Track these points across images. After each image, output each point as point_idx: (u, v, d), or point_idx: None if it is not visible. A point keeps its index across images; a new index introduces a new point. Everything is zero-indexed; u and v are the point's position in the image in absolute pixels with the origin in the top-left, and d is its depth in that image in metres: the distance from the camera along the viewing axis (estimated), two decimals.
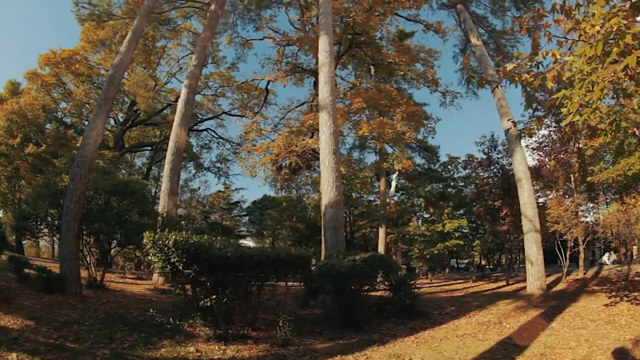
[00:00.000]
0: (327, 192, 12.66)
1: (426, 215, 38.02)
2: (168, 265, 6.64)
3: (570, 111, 4.30)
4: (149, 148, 37.59)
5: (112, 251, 13.77)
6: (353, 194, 35.16)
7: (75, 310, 8.15)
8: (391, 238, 35.62)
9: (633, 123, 8.86)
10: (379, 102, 21.31)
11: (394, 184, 29.40)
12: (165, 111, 33.43)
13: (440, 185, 35.16)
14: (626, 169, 16.20)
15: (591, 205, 20.87)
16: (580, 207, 18.95)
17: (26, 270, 9.87)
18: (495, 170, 21.37)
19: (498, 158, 21.25)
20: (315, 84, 21.35)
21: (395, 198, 38.07)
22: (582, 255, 17.58)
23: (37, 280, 9.31)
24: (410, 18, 24.77)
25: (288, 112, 24.95)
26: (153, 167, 38.74)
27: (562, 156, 18.35)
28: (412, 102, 24.90)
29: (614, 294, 11.56)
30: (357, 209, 41.36)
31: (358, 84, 23.55)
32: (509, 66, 4.86)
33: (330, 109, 13.61)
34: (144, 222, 12.04)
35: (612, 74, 3.97)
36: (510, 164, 18.20)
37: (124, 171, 33.58)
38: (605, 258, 22.07)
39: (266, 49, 78.25)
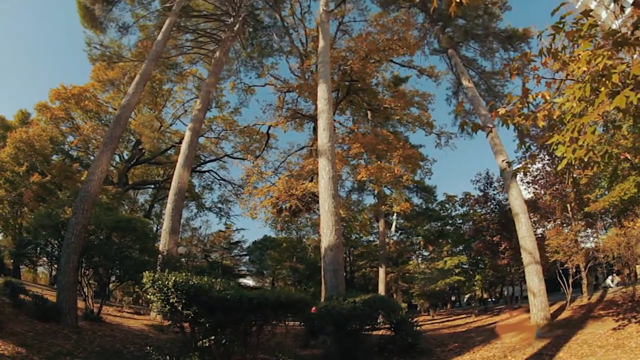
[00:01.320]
0: (327, 236, 12.65)
1: (426, 253, 37.55)
2: (167, 305, 6.50)
3: (565, 155, 4.33)
4: (152, 186, 37.67)
5: (111, 285, 13.53)
6: (352, 236, 34.89)
7: (70, 341, 7.90)
8: (391, 277, 35.00)
9: (624, 149, 8.92)
10: (376, 146, 21.70)
11: (394, 224, 29.30)
12: (169, 151, 33.70)
13: (439, 224, 34.95)
14: (622, 194, 16.23)
15: (590, 231, 20.68)
16: (579, 235, 18.81)
17: (21, 296, 9.65)
18: (492, 206, 21.37)
19: (494, 194, 21.34)
20: (315, 129, 21.80)
21: (395, 237, 37.79)
22: (585, 281, 17.27)
23: (32, 307, 9.10)
24: (404, 64, 25.63)
25: (288, 155, 25.51)
26: (155, 205, 38.64)
27: (557, 187, 18.43)
28: (409, 145, 25.31)
29: (621, 316, 11.20)
30: (356, 250, 40.91)
31: (356, 130, 24.05)
32: (501, 110, 4.98)
33: (329, 154, 13.83)
34: (144, 259, 11.93)
35: (602, 114, 4.03)
36: (507, 199, 18.26)
37: (126, 207, 33.47)
38: (609, 281, 21.57)
39: (268, 95, 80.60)
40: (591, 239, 20.65)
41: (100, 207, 14.83)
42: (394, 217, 28.07)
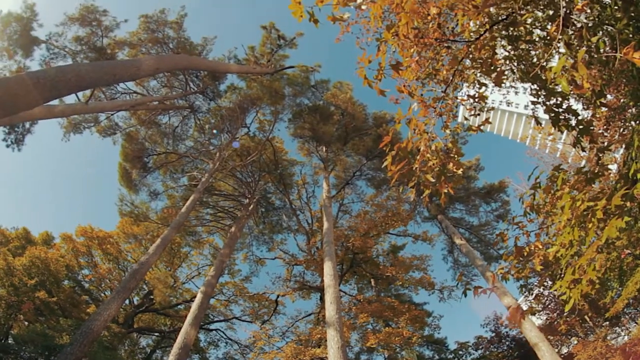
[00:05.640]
0: None
1: None
2: None
3: (571, 296, 4.25)
4: (157, 334, 34.91)
5: None
6: None
7: None
8: None
9: (621, 248, 8.48)
10: (382, 313, 21.56)
11: None
12: (179, 306, 32.43)
13: None
14: (637, 287, 14.97)
15: (617, 329, 18.74)
16: (608, 338, 17.16)
17: None
18: (507, 343, 19.70)
19: (507, 331, 19.88)
20: (321, 298, 22.22)
21: None
22: None
23: None
24: (400, 234, 27.23)
25: (296, 322, 25.01)
26: (157, 351, 35.08)
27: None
28: (414, 307, 24.89)
29: None
30: None
31: (361, 299, 24.21)
32: (499, 271, 5.32)
33: (337, 325, 13.77)
34: None
35: (596, 250, 4.11)
36: (521, 333, 17.23)
37: (126, 348, 30.38)
38: None
39: (277, 267, 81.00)
40: (622, 334, 18.89)
41: (100, 343, 13.66)
42: None
